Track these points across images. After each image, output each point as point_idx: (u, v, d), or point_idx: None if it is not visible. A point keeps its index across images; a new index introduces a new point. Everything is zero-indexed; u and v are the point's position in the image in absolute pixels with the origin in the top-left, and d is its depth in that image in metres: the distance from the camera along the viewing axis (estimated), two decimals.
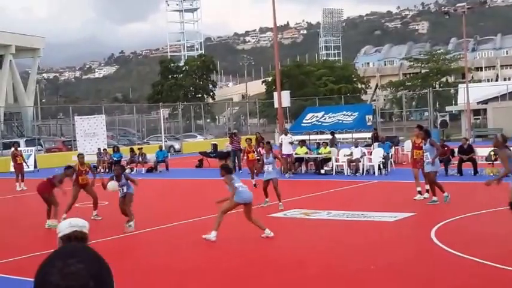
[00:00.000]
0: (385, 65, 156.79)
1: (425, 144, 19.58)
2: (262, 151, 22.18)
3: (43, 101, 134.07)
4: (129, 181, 17.18)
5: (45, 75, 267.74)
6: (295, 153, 31.60)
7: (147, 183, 30.65)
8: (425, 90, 70.25)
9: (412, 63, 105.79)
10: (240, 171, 33.10)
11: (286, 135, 32.29)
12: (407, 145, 35.64)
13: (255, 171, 23.66)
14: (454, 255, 12.26)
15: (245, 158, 26.87)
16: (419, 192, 19.93)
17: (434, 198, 19.00)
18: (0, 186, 33.67)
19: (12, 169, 40.90)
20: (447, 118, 55.11)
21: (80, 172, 19.18)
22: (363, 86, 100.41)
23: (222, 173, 14.69)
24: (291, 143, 31.50)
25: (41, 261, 2.13)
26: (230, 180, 14.57)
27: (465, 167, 27.03)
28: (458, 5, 59.46)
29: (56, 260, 2.06)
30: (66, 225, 4.95)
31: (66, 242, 4.94)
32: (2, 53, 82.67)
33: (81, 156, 20.33)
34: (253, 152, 26.51)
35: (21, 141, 48.61)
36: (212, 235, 14.49)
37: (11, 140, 51.45)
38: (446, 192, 18.85)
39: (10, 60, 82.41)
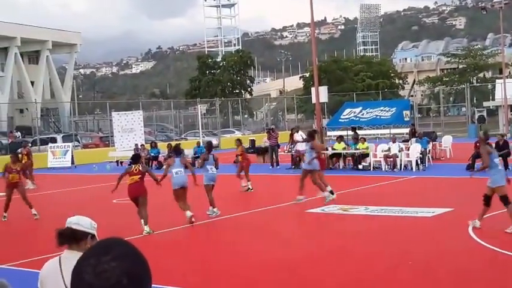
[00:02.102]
0: (422, 60, 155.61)
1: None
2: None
3: (80, 96, 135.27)
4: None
5: (82, 70, 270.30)
6: (333, 149, 31.68)
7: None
8: (463, 86, 69.64)
9: (449, 58, 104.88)
10: (278, 167, 33.28)
11: (297, 132, 33.24)
12: (445, 140, 35.57)
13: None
14: (492, 250, 12.26)
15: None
16: None
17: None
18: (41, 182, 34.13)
19: (49, 165, 41.63)
20: (484, 113, 54.68)
21: (10, 170, 19.26)
22: (401, 81, 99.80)
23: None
24: (303, 140, 32.00)
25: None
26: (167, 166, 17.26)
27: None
28: (495, 0, 58.97)
29: (90, 258, 2.05)
30: (67, 222, 5.17)
31: (58, 238, 5.11)
32: (39, 49, 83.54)
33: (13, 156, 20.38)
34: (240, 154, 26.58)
35: (58, 137, 49.10)
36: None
37: (48, 136, 52.03)
38: None
39: (47, 56, 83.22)
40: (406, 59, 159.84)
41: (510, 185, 14.32)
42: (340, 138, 32.53)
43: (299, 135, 32.79)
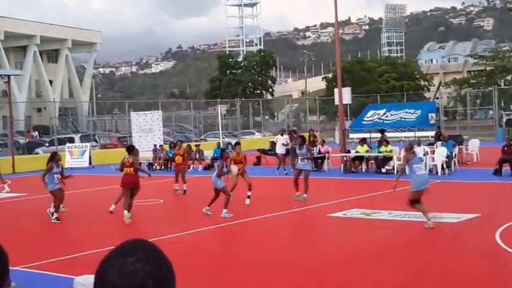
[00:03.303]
0: (448, 62, 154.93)
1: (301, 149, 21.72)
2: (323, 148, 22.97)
3: (98, 96, 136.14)
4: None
5: (101, 69, 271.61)
6: (356, 151, 31.57)
7: (204, 180, 30.90)
8: (490, 88, 69.14)
9: (476, 60, 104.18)
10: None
11: (282, 135, 33.85)
12: (472, 144, 35.29)
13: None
14: None
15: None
16: None
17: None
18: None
19: (66, 165, 41.72)
20: None
21: None
22: (426, 83, 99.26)
23: None
24: (285, 144, 32.87)
25: (101, 258, 2.11)
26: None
27: None
28: None
29: (115, 259, 2.05)
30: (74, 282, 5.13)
31: None
32: (58, 47, 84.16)
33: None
34: (181, 155, 26.59)
35: (76, 137, 49.29)
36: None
37: (65, 136, 52.25)
38: None
39: (66, 55, 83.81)
40: (432, 60, 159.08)
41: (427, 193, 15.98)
42: (363, 141, 32.39)
43: (284, 139, 33.57)
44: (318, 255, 13.20)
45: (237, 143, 24.08)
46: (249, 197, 20.63)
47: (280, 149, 33.22)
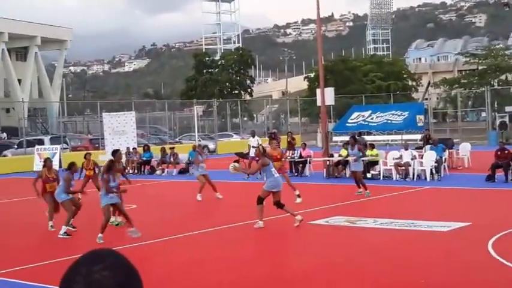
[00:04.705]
0: (438, 60, 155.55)
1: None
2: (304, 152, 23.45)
3: (69, 96, 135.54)
4: None
5: (72, 68, 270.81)
6: (339, 155, 31.50)
7: (178, 185, 30.76)
8: (483, 89, 69.34)
9: (468, 59, 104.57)
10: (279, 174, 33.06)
11: (253, 137, 33.99)
12: (463, 148, 35.34)
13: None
14: None
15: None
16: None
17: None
18: (20, 187, 33.97)
19: (35, 168, 41.46)
20: (507, 119, 54.32)
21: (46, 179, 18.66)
22: (414, 83, 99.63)
23: None
24: (255, 147, 32.99)
25: (66, 267, 2.09)
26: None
27: None
28: None
29: (80, 267, 2.04)
30: None
31: None
32: (26, 45, 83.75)
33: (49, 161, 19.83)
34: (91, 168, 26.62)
35: (46, 139, 49.02)
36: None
37: (35, 138, 51.96)
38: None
39: (35, 53, 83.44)
40: (420, 58, 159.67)
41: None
42: (347, 144, 32.33)
43: (255, 141, 33.78)
44: (295, 267, 13.09)
45: (274, 137, 24.52)
46: (298, 195, 21.89)
47: (253, 152, 32.91)
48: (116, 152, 19.21)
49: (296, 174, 32.43)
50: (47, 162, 19.11)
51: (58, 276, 2.10)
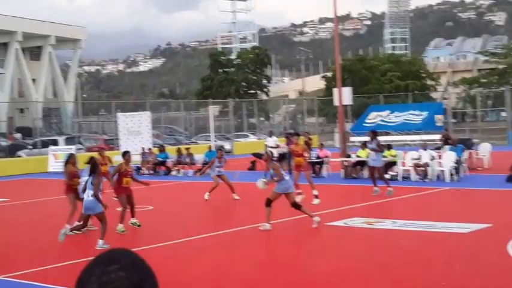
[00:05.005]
0: (457, 59, 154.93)
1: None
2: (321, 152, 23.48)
3: (84, 96, 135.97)
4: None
5: (86, 68, 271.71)
6: (357, 156, 31.45)
7: (194, 186, 30.78)
8: (503, 88, 69.01)
9: (487, 58, 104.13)
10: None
11: (271, 137, 33.85)
12: (483, 148, 35.18)
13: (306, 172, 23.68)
14: None
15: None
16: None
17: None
18: (34, 188, 34.15)
19: (50, 169, 41.65)
20: None
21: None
22: (433, 82, 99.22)
23: None
24: (275, 146, 33.01)
25: (81, 268, 2.10)
26: None
27: None
28: None
29: (95, 267, 2.04)
30: None
31: None
32: (40, 44, 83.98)
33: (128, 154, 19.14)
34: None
35: (60, 139, 49.18)
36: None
37: (49, 138, 52.15)
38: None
39: (49, 52, 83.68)
40: (439, 58, 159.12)
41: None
42: (364, 145, 32.24)
43: (272, 141, 33.74)
44: (309, 270, 13.09)
45: (295, 134, 24.67)
46: (316, 196, 21.94)
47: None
48: (126, 153, 18.89)
49: (313, 175, 32.40)
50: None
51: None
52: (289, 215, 18.56)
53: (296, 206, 17.46)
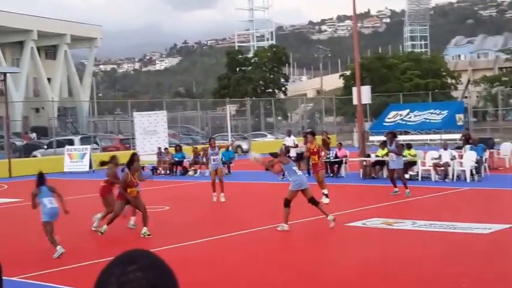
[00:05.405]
0: (478, 57, 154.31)
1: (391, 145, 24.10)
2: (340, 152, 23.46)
3: (99, 95, 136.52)
4: None
5: (102, 67, 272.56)
6: (376, 155, 31.41)
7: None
8: None
9: (509, 55, 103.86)
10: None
11: (289, 136, 33.80)
12: (504, 148, 35.06)
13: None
14: None
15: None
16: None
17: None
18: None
19: (66, 169, 41.83)
20: None
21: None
22: (453, 81, 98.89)
23: None
24: (294, 146, 32.93)
25: (100, 269, 2.13)
26: None
27: None
28: None
29: (114, 267, 2.07)
30: None
31: None
32: (56, 43, 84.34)
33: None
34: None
35: (76, 139, 49.33)
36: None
37: (65, 138, 52.35)
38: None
39: (65, 51, 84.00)
40: (459, 56, 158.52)
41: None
42: (383, 144, 32.17)
43: (291, 140, 33.72)
44: (327, 272, 13.11)
45: (309, 132, 24.75)
46: (326, 195, 21.93)
47: (292, 152, 32.65)
48: (134, 156, 18.67)
49: (332, 174, 32.43)
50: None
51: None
52: (307, 215, 18.58)
53: (313, 201, 17.51)
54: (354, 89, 36.06)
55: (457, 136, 41.71)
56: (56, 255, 14.61)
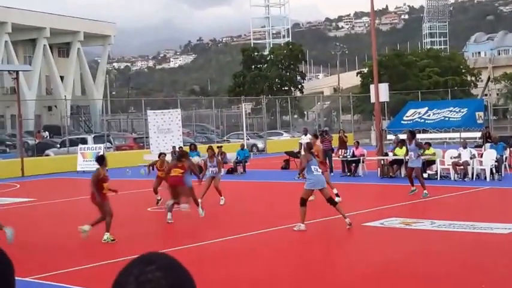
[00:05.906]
0: (498, 54, 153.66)
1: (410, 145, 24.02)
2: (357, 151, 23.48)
3: (113, 93, 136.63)
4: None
5: (115, 64, 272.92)
6: (394, 154, 31.33)
7: (227, 185, 30.85)
8: None
9: None
10: (332, 174, 32.88)
11: (305, 135, 33.67)
12: None
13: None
14: None
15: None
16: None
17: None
18: (64, 187, 34.40)
19: (79, 168, 41.94)
20: None
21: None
22: (473, 78, 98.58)
23: None
24: None
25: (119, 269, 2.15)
26: None
27: None
28: None
29: (133, 268, 2.10)
30: None
31: None
32: (69, 40, 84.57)
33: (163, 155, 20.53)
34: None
35: (89, 138, 49.47)
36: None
37: (78, 137, 52.50)
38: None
39: (78, 48, 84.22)
40: (479, 53, 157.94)
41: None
42: (402, 143, 32.07)
43: (307, 139, 33.53)
44: (346, 272, 13.10)
45: (313, 135, 25.00)
46: (336, 194, 21.65)
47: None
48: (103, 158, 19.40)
49: (349, 173, 32.38)
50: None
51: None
52: (323, 215, 18.59)
53: (332, 202, 17.55)
54: (372, 87, 35.96)
55: (477, 134, 41.57)
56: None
